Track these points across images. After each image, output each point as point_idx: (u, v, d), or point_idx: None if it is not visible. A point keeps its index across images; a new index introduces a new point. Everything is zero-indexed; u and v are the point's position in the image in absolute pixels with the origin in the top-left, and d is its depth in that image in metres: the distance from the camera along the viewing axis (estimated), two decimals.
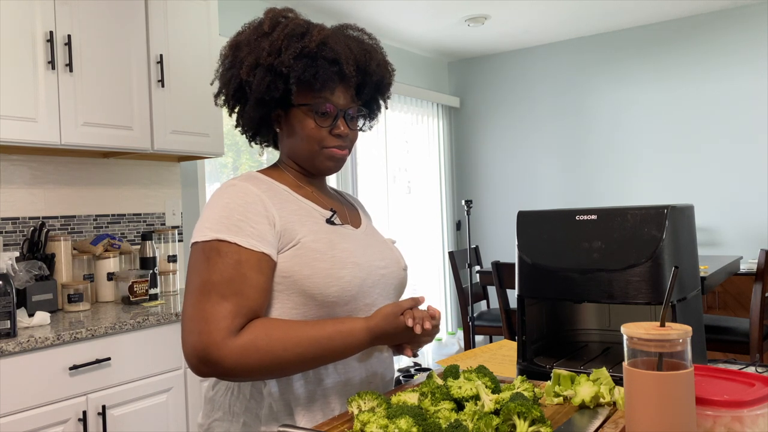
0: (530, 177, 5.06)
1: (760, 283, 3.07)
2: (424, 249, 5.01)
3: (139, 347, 2.12)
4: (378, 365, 1.17)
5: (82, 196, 2.64)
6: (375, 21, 4.19)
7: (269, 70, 1.09)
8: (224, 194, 1.07)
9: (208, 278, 1.00)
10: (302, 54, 1.08)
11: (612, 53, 4.67)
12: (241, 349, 0.96)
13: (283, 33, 1.10)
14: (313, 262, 1.06)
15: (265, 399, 1.07)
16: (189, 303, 1.00)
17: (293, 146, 1.17)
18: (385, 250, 1.22)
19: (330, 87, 1.11)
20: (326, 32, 1.12)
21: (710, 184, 4.33)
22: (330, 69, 1.09)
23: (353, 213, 1.27)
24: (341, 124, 1.14)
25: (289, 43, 1.09)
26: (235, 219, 1.03)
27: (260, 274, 1.02)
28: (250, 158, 3.60)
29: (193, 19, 2.70)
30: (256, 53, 1.10)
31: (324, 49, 1.09)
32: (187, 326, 0.99)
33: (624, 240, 1.17)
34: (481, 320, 3.98)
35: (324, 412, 1.09)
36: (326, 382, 1.09)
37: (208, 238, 1.03)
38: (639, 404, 0.80)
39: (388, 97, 1.28)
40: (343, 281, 1.07)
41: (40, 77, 2.17)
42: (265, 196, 1.08)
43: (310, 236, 1.08)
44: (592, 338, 1.47)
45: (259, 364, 0.98)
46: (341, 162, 1.18)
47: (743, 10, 4.20)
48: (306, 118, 1.13)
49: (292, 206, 1.11)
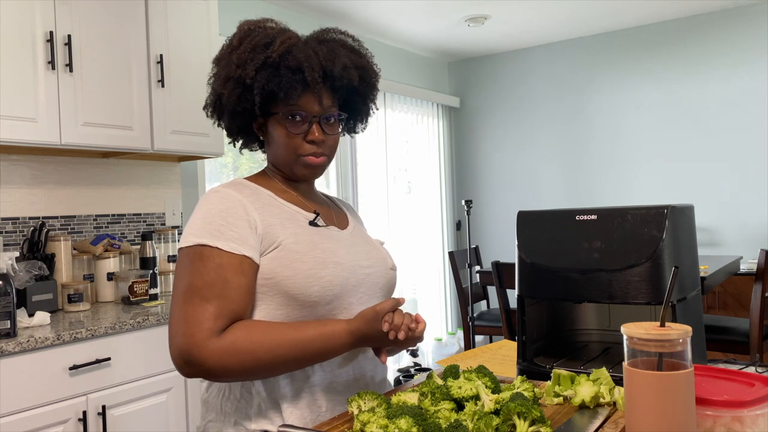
0: (530, 177, 5.06)
1: (760, 283, 3.07)
2: (424, 249, 5.01)
3: (139, 347, 2.12)
4: (366, 365, 1.18)
5: (82, 196, 2.64)
6: (375, 21, 4.19)
7: (238, 83, 1.12)
8: (207, 201, 1.11)
9: (191, 282, 1.03)
10: (265, 64, 1.10)
11: (612, 53, 4.67)
12: (222, 350, 0.99)
13: (249, 45, 1.12)
14: (293, 263, 1.07)
15: (254, 398, 1.09)
16: (174, 306, 1.04)
17: (274, 154, 1.20)
18: (372, 251, 1.23)
19: (293, 95, 1.12)
20: (292, 41, 1.13)
21: (710, 184, 4.33)
22: (293, 77, 1.10)
23: (341, 216, 1.28)
24: (315, 130, 1.14)
25: (254, 55, 1.11)
26: (216, 224, 1.06)
27: (242, 277, 1.05)
28: (250, 158, 3.60)
29: (193, 19, 2.70)
30: (227, 67, 1.14)
31: (287, 58, 1.10)
32: (172, 328, 1.02)
33: (624, 240, 1.17)
34: (481, 320, 3.98)
35: (311, 408, 1.10)
36: (312, 379, 1.11)
37: (192, 244, 1.06)
38: (639, 404, 0.80)
39: (373, 98, 1.27)
40: (323, 281, 1.08)
41: (40, 77, 2.17)
42: (247, 201, 1.10)
43: (292, 238, 1.10)
44: (592, 338, 1.47)
45: (240, 364, 1.00)
46: (318, 169, 1.18)
47: (743, 10, 4.20)
48: (279, 126, 1.15)
49: (274, 210, 1.13)
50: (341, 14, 4.01)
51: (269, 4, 3.68)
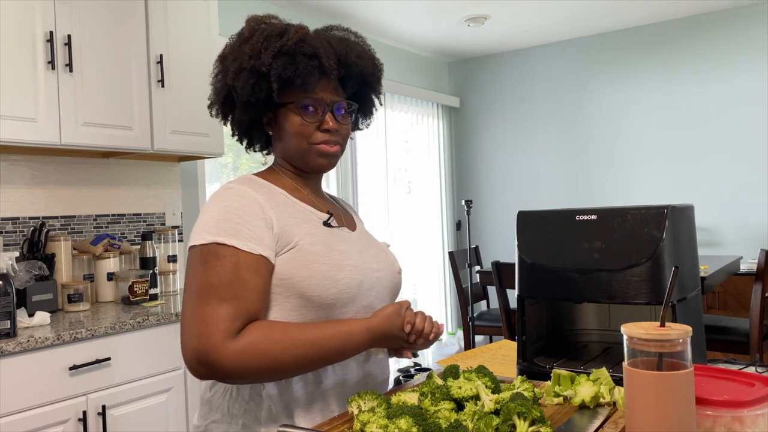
0: (530, 177, 5.06)
1: (760, 283, 3.07)
2: (424, 249, 5.01)
3: (139, 347, 2.12)
4: (374, 366, 1.18)
5: (82, 196, 2.64)
6: (375, 21, 4.19)
7: (252, 72, 1.11)
8: (222, 197, 1.08)
9: (206, 281, 1.01)
10: (281, 52, 1.10)
11: (612, 53, 4.67)
12: (239, 352, 0.97)
13: (262, 35, 1.12)
14: (311, 264, 1.06)
15: (264, 401, 1.07)
16: (188, 306, 1.01)
17: (285, 146, 1.18)
18: (380, 253, 1.23)
19: (311, 81, 1.12)
20: (304, 31, 1.14)
21: (710, 184, 4.33)
22: (309, 63, 1.10)
23: (348, 217, 1.28)
24: (329, 119, 1.14)
25: (268, 44, 1.11)
26: (233, 222, 1.04)
27: (258, 277, 1.03)
28: (250, 158, 3.60)
29: (193, 19, 2.70)
30: (239, 59, 1.13)
31: (302, 45, 1.11)
32: (186, 329, 0.99)
33: (624, 240, 1.17)
34: (481, 320, 3.98)
35: (323, 413, 1.09)
36: (325, 383, 1.10)
37: (207, 242, 1.03)
38: (639, 404, 0.80)
39: (379, 92, 1.28)
40: (341, 283, 1.07)
41: (40, 77, 2.17)
42: (263, 200, 1.09)
43: (308, 239, 1.09)
44: (592, 338, 1.47)
45: (257, 366, 0.98)
46: (333, 158, 1.18)
47: (743, 10, 4.20)
48: (293, 115, 1.14)
49: (289, 209, 1.12)
50: (342, 14, 4.01)
51: (269, 4, 3.68)
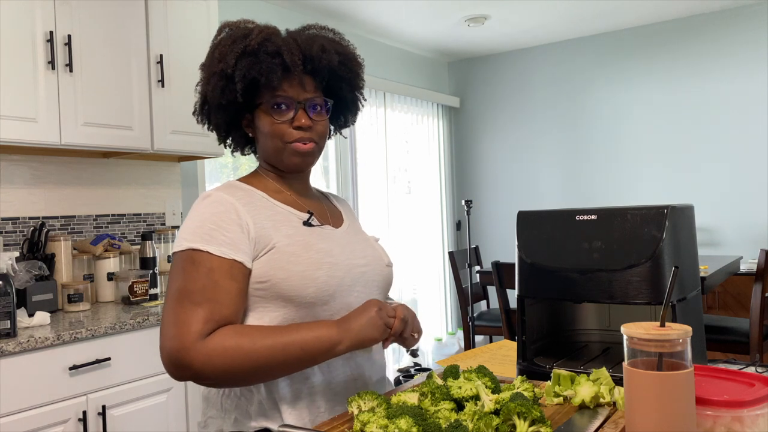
0: (530, 177, 5.06)
1: (760, 283, 3.07)
2: (424, 249, 5.01)
3: (139, 347, 2.12)
4: (365, 365, 1.17)
5: (82, 196, 2.64)
6: (375, 22, 4.19)
7: (221, 76, 1.14)
8: (199, 205, 1.12)
9: (183, 286, 1.04)
10: (245, 53, 1.12)
11: (612, 53, 4.67)
12: (208, 352, 0.98)
13: (228, 39, 1.15)
14: (287, 265, 1.07)
15: (255, 396, 1.10)
16: (166, 310, 1.04)
17: (263, 147, 1.20)
18: (367, 248, 1.23)
19: (274, 79, 1.12)
20: (269, 31, 1.15)
21: (710, 184, 4.33)
22: (272, 61, 1.12)
23: (335, 213, 1.28)
24: (300, 116, 1.15)
25: (233, 47, 1.13)
26: (207, 228, 1.07)
27: (232, 281, 1.05)
28: (250, 158, 3.60)
29: (193, 19, 2.70)
30: (210, 64, 1.16)
31: (265, 44, 1.12)
32: (163, 331, 1.02)
33: (624, 240, 1.17)
34: (481, 320, 3.98)
35: (310, 410, 1.10)
36: (312, 380, 1.11)
37: (184, 248, 1.07)
38: (639, 404, 0.80)
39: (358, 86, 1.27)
40: (318, 282, 1.08)
41: (40, 77, 2.17)
42: (239, 204, 1.11)
43: (285, 240, 1.10)
44: (592, 338, 1.47)
45: (227, 367, 0.99)
46: (308, 157, 1.18)
47: (743, 10, 4.20)
48: (265, 116, 1.16)
49: (267, 212, 1.13)
50: (342, 14, 4.01)
51: (269, 4, 3.68)
